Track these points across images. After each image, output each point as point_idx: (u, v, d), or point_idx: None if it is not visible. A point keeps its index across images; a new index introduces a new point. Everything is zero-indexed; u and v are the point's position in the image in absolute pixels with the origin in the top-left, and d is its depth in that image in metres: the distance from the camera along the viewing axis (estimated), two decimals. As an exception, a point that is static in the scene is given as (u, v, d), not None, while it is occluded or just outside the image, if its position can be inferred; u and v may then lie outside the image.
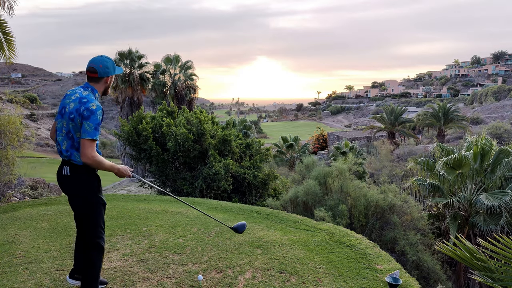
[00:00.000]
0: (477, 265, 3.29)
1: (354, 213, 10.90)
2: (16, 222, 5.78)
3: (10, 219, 5.92)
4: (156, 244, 4.83)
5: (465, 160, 11.75)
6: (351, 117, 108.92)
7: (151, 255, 4.47)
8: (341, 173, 11.71)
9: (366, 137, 44.80)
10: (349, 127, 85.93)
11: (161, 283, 3.80)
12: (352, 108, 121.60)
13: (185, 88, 29.74)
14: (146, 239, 5.00)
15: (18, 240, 4.93)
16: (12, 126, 7.70)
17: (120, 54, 29.10)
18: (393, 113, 38.50)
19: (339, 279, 3.92)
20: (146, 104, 33.20)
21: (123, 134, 12.26)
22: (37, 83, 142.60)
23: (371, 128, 41.88)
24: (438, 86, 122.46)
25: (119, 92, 29.10)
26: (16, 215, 6.14)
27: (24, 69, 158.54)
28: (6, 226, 5.58)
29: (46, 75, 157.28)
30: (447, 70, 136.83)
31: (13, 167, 7.97)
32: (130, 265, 4.19)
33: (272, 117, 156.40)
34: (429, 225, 11.85)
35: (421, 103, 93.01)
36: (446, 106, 37.25)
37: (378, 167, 26.46)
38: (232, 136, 12.39)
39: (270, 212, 6.39)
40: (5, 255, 4.45)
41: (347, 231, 5.38)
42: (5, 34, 7.11)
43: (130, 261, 4.31)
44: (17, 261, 4.28)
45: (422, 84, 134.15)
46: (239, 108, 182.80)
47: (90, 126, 3.01)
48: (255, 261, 4.34)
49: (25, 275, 3.91)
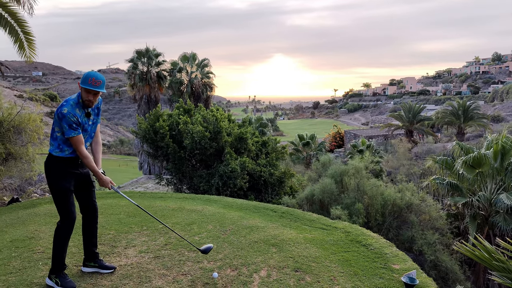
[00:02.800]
0: (496, 266, 3.23)
1: (370, 211, 10.80)
2: (36, 218, 5.90)
3: (30, 215, 6.05)
4: (172, 241, 4.87)
5: (485, 159, 11.51)
6: (368, 115, 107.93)
7: (167, 252, 4.51)
8: (357, 172, 11.61)
9: (383, 135, 44.30)
10: (366, 125, 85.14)
11: (176, 280, 3.83)
12: (369, 106, 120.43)
13: (202, 86, 29.85)
14: (162, 236, 5.04)
15: (38, 236, 5.04)
16: (33, 124, 7.85)
17: (137, 53, 29.38)
18: (411, 111, 37.94)
19: (355, 279, 3.89)
20: (163, 102, 33.50)
21: (141, 132, 12.40)
22: (57, 81, 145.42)
23: (389, 126, 41.38)
24: (457, 83, 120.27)
25: (137, 90, 29.39)
26: (36, 211, 6.27)
27: (44, 68, 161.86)
28: (26, 222, 5.71)
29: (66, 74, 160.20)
30: (467, 67, 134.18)
31: (33, 164, 8.14)
32: (147, 262, 4.24)
33: (289, 115, 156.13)
34: (448, 225, 11.65)
35: (440, 101, 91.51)
36: (466, 104, 36.51)
37: (396, 166, 26.13)
38: (248, 134, 12.40)
39: (286, 210, 6.38)
40: (25, 251, 4.55)
41: (363, 230, 5.33)
42: (25, 34, 7.25)
43: (147, 257, 4.36)
44: (36, 257, 4.37)
45: (441, 81, 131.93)
46: (255, 106, 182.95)
47: (65, 127, 3.54)
48: (270, 259, 4.34)
49: (44, 271, 4.00)
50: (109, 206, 6.50)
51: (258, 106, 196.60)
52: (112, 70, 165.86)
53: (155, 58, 29.78)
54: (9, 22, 7.03)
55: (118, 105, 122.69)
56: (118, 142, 73.70)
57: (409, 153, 29.83)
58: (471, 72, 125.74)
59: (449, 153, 16.58)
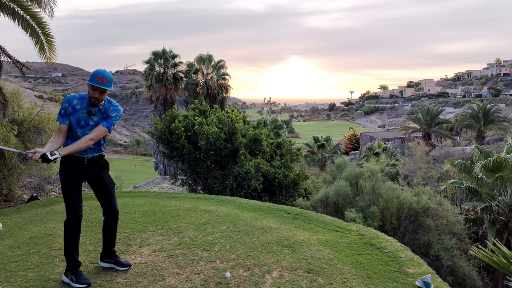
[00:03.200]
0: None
1: (386, 215, 10.68)
2: (54, 216, 6.02)
3: (48, 213, 6.18)
4: (186, 240, 4.91)
5: (505, 163, 11.29)
6: (385, 117, 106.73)
7: (181, 251, 4.55)
8: (373, 174, 11.50)
9: (400, 138, 43.78)
10: (383, 127, 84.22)
11: (189, 279, 3.86)
12: (386, 108, 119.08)
13: (218, 88, 29.98)
14: (176, 236, 5.09)
15: (56, 233, 5.14)
16: (52, 124, 8.01)
17: (154, 54, 29.69)
18: (429, 114, 37.39)
19: (368, 281, 3.86)
20: (179, 103, 33.74)
21: (156, 133, 12.52)
22: (75, 82, 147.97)
23: (406, 129, 40.85)
24: (478, 85, 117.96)
25: (153, 91, 29.68)
26: (54, 209, 6.40)
27: (64, 69, 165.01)
28: (44, 219, 5.83)
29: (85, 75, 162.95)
30: (488, 69, 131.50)
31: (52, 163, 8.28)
32: (160, 261, 4.28)
33: (304, 116, 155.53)
34: (466, 230, 11.44)
35: (459, 103, 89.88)
36: (486, 107, 35.82)
37: (413, 169, 25.79)
38: (263, 136, 12.41)
39: (299, 212, 6.36)
40: (43, 247, 4.65)
41: (377, 233, 5.28)
42: (46, 35, 7.40)
43: (161, 256, 4.40)
44: (54, 253, 4.46)
45: (461, 83, 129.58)
46: (270, 107, 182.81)
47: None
48: (283, 260, 4.34)
49: (61, 267, 4.07)
50: (124, 205, 6.58)
51: (273, 107, 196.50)
52: (129, 71, 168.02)
53: (172, 59, 30.03)
54: (30, 24, 7.19)
55: (135, 106, 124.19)
56: (135, 142, 74.59)
57: (426, 156, 29.42)
58: (492, 74, 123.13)
59: (468, 157, 16.27)
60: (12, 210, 6.64)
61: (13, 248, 4.64)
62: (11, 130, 6.88)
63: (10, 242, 4.84)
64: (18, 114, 7.77)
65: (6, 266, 4.12)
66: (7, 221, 5.79)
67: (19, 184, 8.43)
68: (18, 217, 6.01)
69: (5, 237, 5.03)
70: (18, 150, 3.91)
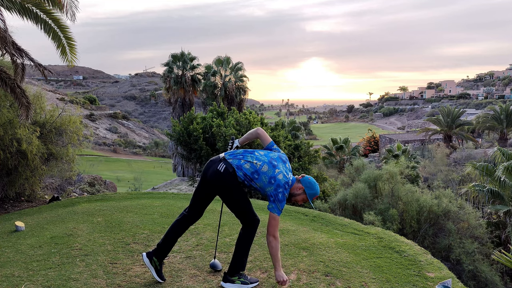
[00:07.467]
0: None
1: (405, 218, 10.52)
2: (75, 216, 6.12)
3: (69, 213, 6.29)
4: (204, 242, 4.93)
5: (529, 165, 11.00)
6: (404, 119, 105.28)
7: (198, 253, 4.57)
8: (392, 177, 11.36)
9: (420, 140, 43.11)
10: (402, 129, 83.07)
11: (207, 280, 3.87)
12: (405, 110, 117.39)
13: (235, 90, 30.10)
14: (194, 237, 5.11)
15: (76, 234, 5.22)
16: (73, 125, 8.14)
17: (173, 56, 30.01)
18: (450, 115, 36.75)
19: (387, 285, 3.80)
20: (197, 105, 34.00)
21: (175, 134, 12.64)
22: (96, 84, 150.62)
23: (426, 131, 40.22)
24: (500, 86, 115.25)
25: (172, 93, 30.01)
26: (74, 210, 6.51)
27: (84, 72, 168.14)
28: (65, 219, 5.93)
29: (105, 77, 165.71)
30: (511, 70, 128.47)
31: (73, 165, 8.43)
32: (178, 262, 4.31)
33: (322, 118, 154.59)
34: (488, 234, 11.19)
35: (481, 105, 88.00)
36: (509, 108, 35.01)
37: (433, 171, 25.37)
38: (281, 137, 12.39)
39: (317, 214, 6.32)
40: (64, 247, 4.73)
41: (397, 236, 5.20)
42: (67, 39, 7.53)
43: (178, 257, 4.43)
44: (74, 253, 4.54)
45: (483, 84, 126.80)
46: (288, 109, 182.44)
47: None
48: (300, 262, 4.31)
49: (81, 267, 4.14)
50: (143, 206, 6.66)
51: (291, 109, 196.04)
52: (148, 74, 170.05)
53: (190, 62, 30.31)
54: (53, 28, 7.33)
55: (154, 108, 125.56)
56: (153, 144, 75.33)
57: (447, 158, 28.91)
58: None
59: (490, 159, 15.92)
60: (34, 210, 6.78)
61: (35, 248, 4.73)
62: (33, 132, 7.04)
63: (32, 242, 4.94)
64: (40, 116, 7.93)
65: (28, 265, 4.21)
66: (29, 221, 5.91)
67: (41, 185, 8.60)
68: (40, 217, 6.13)
69: (27, 237, 5.14)
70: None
